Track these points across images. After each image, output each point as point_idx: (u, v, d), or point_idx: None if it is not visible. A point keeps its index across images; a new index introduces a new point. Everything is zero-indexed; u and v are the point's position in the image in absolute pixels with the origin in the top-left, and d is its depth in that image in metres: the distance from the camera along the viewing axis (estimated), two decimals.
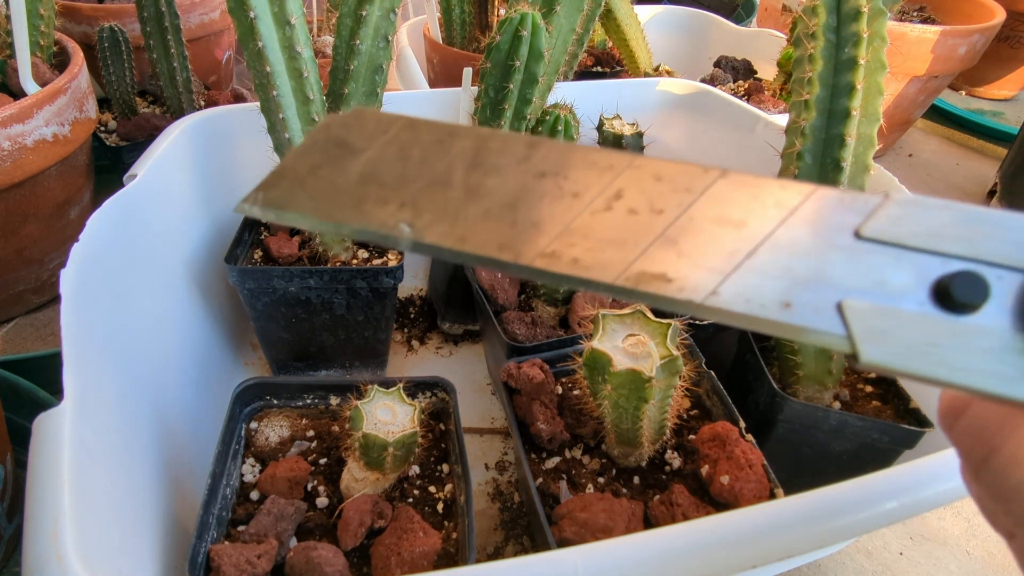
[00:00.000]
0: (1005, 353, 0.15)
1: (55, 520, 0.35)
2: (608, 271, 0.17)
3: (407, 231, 0.18)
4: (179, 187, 0.69)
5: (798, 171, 0.60)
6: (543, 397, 0.56)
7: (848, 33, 0.55)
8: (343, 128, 0.21)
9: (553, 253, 0.17)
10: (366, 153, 0.20)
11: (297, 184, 0.20)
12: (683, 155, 0.95)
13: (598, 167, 0.19)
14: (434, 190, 0.19)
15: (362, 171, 0.19)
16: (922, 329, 0.16)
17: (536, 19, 0.63)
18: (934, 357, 0.15)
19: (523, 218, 0.18)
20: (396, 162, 0.19)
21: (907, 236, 0.17)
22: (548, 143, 0.19)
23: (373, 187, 0.19)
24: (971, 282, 0.16)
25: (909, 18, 1.40)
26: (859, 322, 0.16)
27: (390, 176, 0.19)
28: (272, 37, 0.55)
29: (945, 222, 0.17)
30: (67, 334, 0.43)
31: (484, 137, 0.20)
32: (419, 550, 0.45)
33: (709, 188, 0.18)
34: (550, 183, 0.18)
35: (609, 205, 0.18)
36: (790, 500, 0.41)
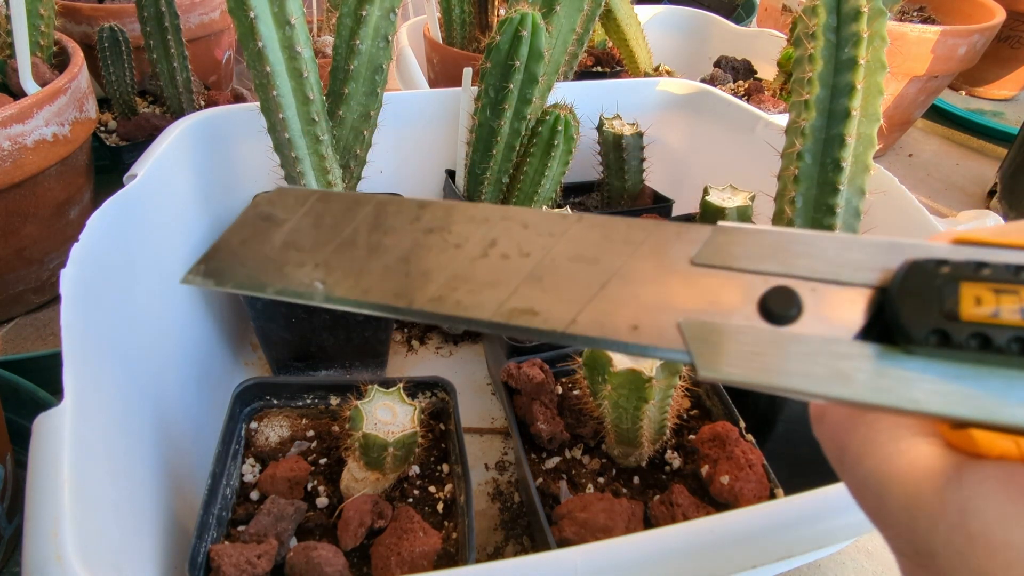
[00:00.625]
0: (820, 356, 0.17)
1: (55, 520, 0.35)
2: (485, 309, 0.19)
3: (320, 288, 0.21)
4: (179, 187, 0.69)
5: (798, 171, 0.60)
6: (543, 397, 0.56)
7: (848, 33, 0.55)
8: (269, 204, 0.23)
9: (440, 298, 0.20)
10: (287, 224, 0.23)
11: (231, 256, 0.22)
12: (683, 155, 0.95)
13: (476, 220, 0.21)
14: (342, 251, 0.21)
15: (284, 240, 0.22)
16: (750, 341, 0.17)
17: (536, 19, 0.63)
18: (761, 365, 0.17)
19: (415, 269, 0.20)
20: (311, 230, 0.22)
21: (733, 259, 0.19)
22: (435, 204, 0.22)
23: (292, 252, 0.22)
24: (785, 296, 0.18)
25: (909, 18, 1.40)
26: (696, 339, 0.17)
27: (306, 242, 0.22)
28: (272, 37, 0.55)
29: (765, 245, 0.19)
30: (67, 334, 0.43)
31: (383, 203, 0.22)
32: (419, 550, 0.45)
33: (567, 231, 0.20)
34: (436, 237, 0.21)
35: (485, 252, 0.20)
36: (790, 500, 0.41)
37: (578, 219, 0.21)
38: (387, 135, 0.74)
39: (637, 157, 0.84)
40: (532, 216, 0.21)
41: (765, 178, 0.66)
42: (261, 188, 0.76)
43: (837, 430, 0.20)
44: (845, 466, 0.19)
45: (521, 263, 0.20)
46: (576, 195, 0.93)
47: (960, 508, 0.15)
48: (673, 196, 0.87)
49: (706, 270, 0.19)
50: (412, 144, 0.84)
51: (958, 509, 0.15)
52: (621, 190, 0.86)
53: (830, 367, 0.16)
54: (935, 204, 1.26)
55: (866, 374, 0.16)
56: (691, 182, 0.88)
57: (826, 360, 0.17)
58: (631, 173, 0.85)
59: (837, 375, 0.16)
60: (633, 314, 0.18)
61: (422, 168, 0.85)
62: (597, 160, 0.87)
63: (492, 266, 0.20)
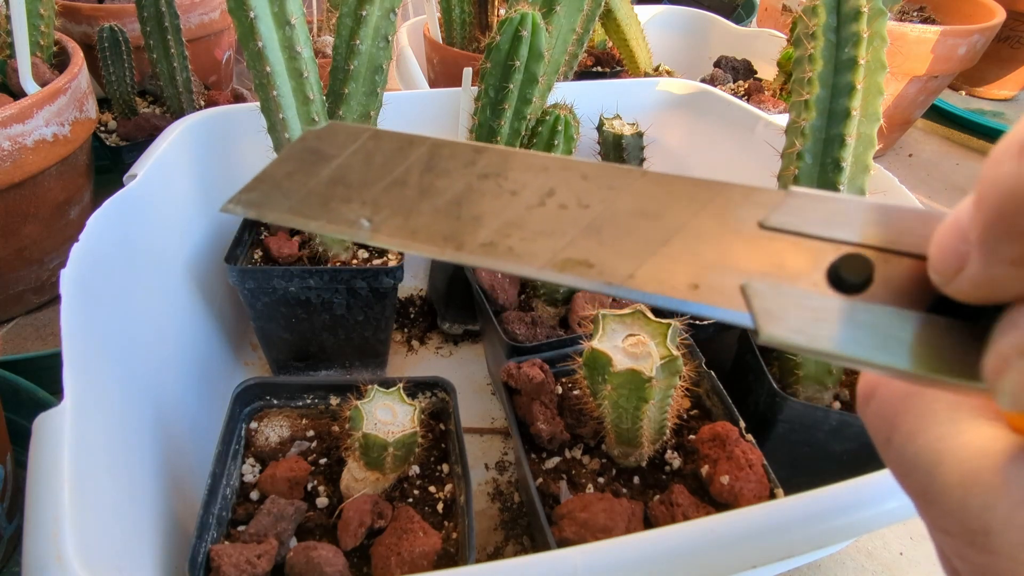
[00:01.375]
0: (887, 327, 0.16)
1: (55, 520, 0.35)
2: (538, 259, 0.19)
3: (367, 225, 0.20)
4: (179, 187, 0.69)
5: (798, 171, 0.60)
6: (543, 397, 0.56)
7: (848, 33, 0.55)
8: (317, 139, 0.23)
9: (491, 243, 0.19)
10: (336, 160, 0.22)
11: (275, 187, 0.22)
12: (683, 155, 0.95)
13: (534, 168, 0.21)
14: (392, 190, 0.21)
15: (331, 175, 0.22)
16: (816, 307, 0.17)
17: (536, 19, 0.63)
18: (825, 332, 0.16)
19: (467, 213, 0.20)
20: (361, 167, 0.22)
21: (804, 225, 0.18)
22: (492, 149, 0.22)
23: (340, 188, 0.21)
24: (857, 264, 0.17)
25: (909, 18, 1.40)
26: (760, 302, 0.17)
27: (355, 179, 0.21)
28: (272, 37, 0.55)
29: (838, 212, 0.18)
30: (67, 334, 0.43)
31: (437, 145, 0.22)
32: (419, 550, 0.45)
33: (630, 185, 0.20)
34: (492, 183, 0.21)
35: (542, 201, 0.20)
36: (790, 500, 0.41)
37: (642, 174, 0.20)
38: None
39: (637, 157, 0.84)
40: (593, 168, 0.20)
41: (765, 178, 0.66)
42: None
43: (889, 408, 0.19)
44: (893, 444, 0.19)
45: (579, 214, 0.19)
46: None
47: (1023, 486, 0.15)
48: None
49: (775, 234, 0.18)
50: None
51: (1021, 487, 0.15)
52: None
53: (898, 339, 0.16)
54: (935, 204, 1.26)
55: (934, 348, 0.16)
56: None
57: (895, 332, 0.16)
58: None
59: (904, 347, 0.16)
60: (695, 272, 0.18)
61: None
62: (597, 160, 0.87)
63: (549, 215, 0.19)
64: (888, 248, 0.17)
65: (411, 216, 0.20)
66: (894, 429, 0.19)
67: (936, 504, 0.17)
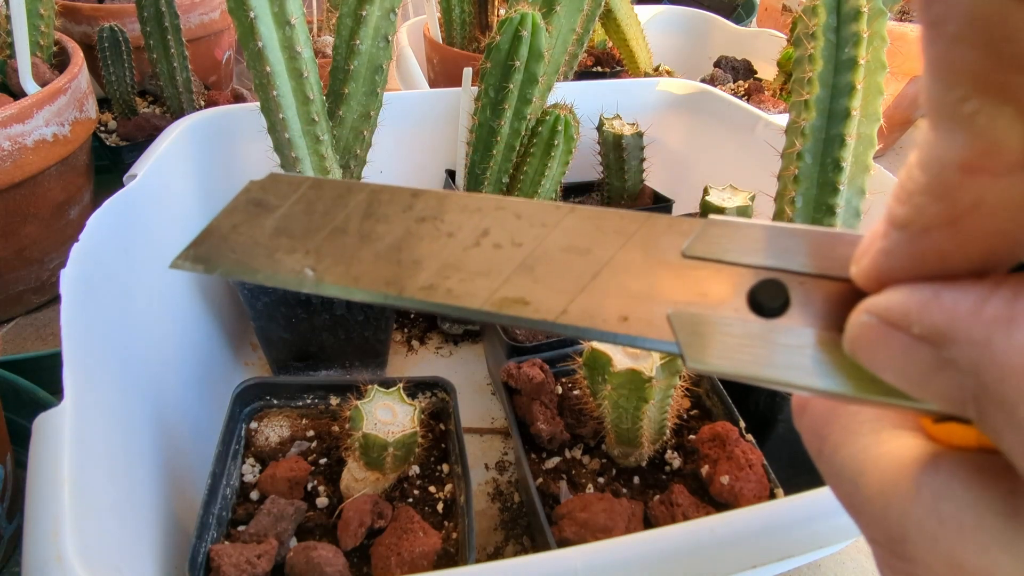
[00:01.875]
0: (805, 349, 0.17)
1: (55, 520, 0.35)
2: (476, 298, 0.19)
3: (311, 275, 0.21)
4: (179, 187, 0.69)
5: (798, 171, 0.60)
6: (543, 397, 0.56)
7: (848, 33, 0.55)
8: (261, 190, 0.23)
9: (431, 286, 0.20)
10: (279, 210, 0.22)
11: (221, 241, 0.22)
12: (683, 155, 0.95)
13: (469, 210, 0.21)
14: (333, 238, 0.21)
15: (275, 226, 0.22)
16: (738, 332, 0.18)
17: (536, 19, 0.63)
18: (748, 356, 0.17)
19: (406, 257, 0.20)
20: (303, 217, 0.22)
21: (724, 252, 0.19)
22: (429, 193, 0.22)
23: (284, 239, 0.22)
24: (773, 288, 0.18)
25: (909, 18, 1.40)
26: (685, 331, 0.18)
27: (298, 229, 0.22)
28: (272, 37, 0.55)
29: (755, 238, 0.19)
30: (67, 334, 0.43)
31: (376, 191, 0.22)
32: (419, 550, 0.45)
33: (560, 222, 0.20)
34: (429, 226, 0.21)
35: (478, 241, 0.20)
36: (790, 500, 0.41)
37: (571, 210, 0.21)
38: (387, 135, 0.74)
39: (637, 157, 0.84)
40: (525, 206, 0.21)
41: (765, 178, 0.66)
42: None
43: (818, 421, 0.20)
44: (823, 455, 0.20)
45: (513, 252, 0.20)
46: (576, 195, 0.93)
47: (934, 493, 0.16)
48: (673, 196, 0.87)
49: (696, 262, 0.19)
50: (412, 144, 0.84)
51: (932, 494, 0.16)
52: (621, 190, 0.86)
53: (816, 359, 0.17)
54: None
55: (852, 367, 0.17)
56: (691, 182, 0.88)
57: (813, 353, 0.17)
58: (631, 173, 0.85)
59: (823, 367, 0.17)
60: (623, 305, 0.19)
61: (422, 168, 0.85)
62: (597, 160, 0.87)
63: (484, 255, 0.20)
64: (804, 271, 0.18)
65: (353, 263, 0.21)
66: (823, 441, 0.20)
67: (862, 513, 0.18)
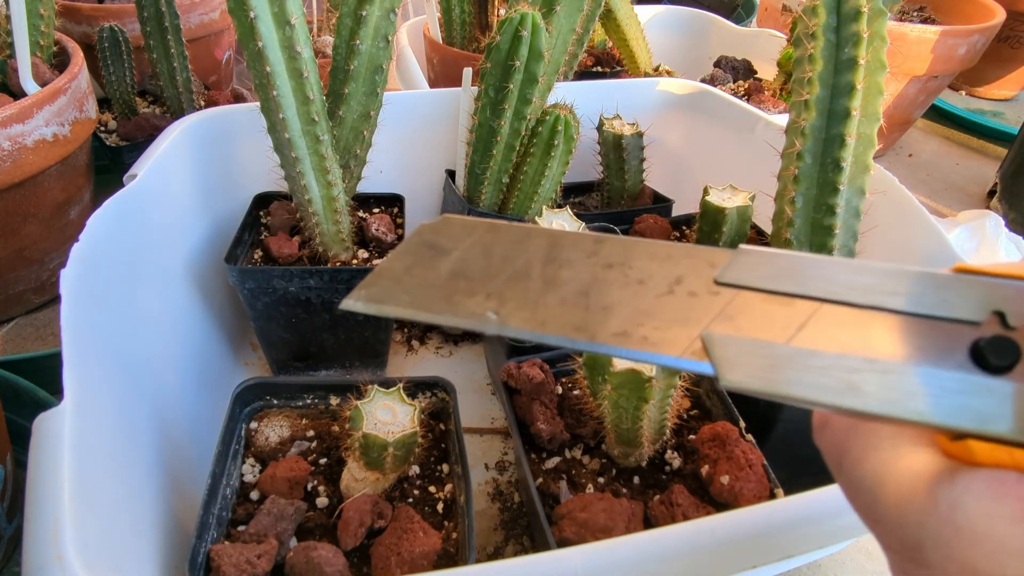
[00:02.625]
0: (832, 370, 0.18)
1: (55, 520, 0.35)
2: (675, 346, 0.19)
3: (494, 318, 0.20)
4: (179, 187, 0.69)
5: (798, 171, 0.60)
6: (543, 397, 0.56)
7: (848, 33, 0.55)
8: (433, 233, 0.23)
9: (624, 332, 0.19)
10: (454, 253, 0.22)
11: (395, 282, 0.22)
12: (683, 155, 0.95)
13: (659, 257, 0.21)
14: (515, 282, 0.21)
15: (451, 268, 0.22)
16: (767, 354, 0.18)
17: (536, 19, 0.63)
18: (778, 376, 0.18)
19: (595, 303, 0.20)
20: (481, 260, 0.22)
21: (753, 280, 0.20)
22: (612, 239, 0.22)
23: (462, 281, 0.22)
24: (1002, 344, 0.18)
25: (909, 18, 1.40)
26: (718, 351, 0.18)
27: (476, 272, 0.22)
28: (272, 37, 0.55)
29: (781, 267, 0.20)
30: (67, 334, 0.43)
31: (556, 236, 0.22)
32: (419, 550, 0.45)
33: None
34: (617, 272, 0.21)
35: (671, 289, 0.20)
36: (790, 500, 0.41)
37: (774, 255, 0.21)
38: (387, 135, 0.74)
39: (637, 157, 0.84)
40: (718, 255, 0.21)
41: (765, 178, 0.66)
42: (261, 188, 0.76)
43: (839, 436, 0.21)
44: (843, 469, 0.21)
45: (710, 301, 0.20)
46: (576, 195, 0.93)
47: (950, 504, 0.17)
48: (673, 196, 0.87)
49: (727, 289, 0.20)
50: (412, 144, 0.84)
51: (948, 505, 0.17)
52: (621, 190, 0.86)
53: (841, 379, 0.17)
54: (935, 204, 1.26)
55: (874, 387, 0.17)
56: (691, 182, 0.88)
57: (838, 373, 0.18)
58: (631, 173, 0.85)
59: (848, 387, 0.17)
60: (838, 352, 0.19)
61: (422, 168, 0.85)
62: (597, 160, 0.87)
63: (679, 303, 0.20)
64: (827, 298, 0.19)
65: (538, 307, 0.20)
66: (844, 455, 0.21)
67: (880, 523, 0.19)
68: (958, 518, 0.17)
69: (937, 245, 0.61)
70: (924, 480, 0.18)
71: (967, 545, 0.16)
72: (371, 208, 0.79)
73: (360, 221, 0.75)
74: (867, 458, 0.20)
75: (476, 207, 0.74)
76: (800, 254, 0.20)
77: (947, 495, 0.17)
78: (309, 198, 0.65)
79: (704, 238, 0.71)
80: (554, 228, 0.22)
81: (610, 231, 0.77)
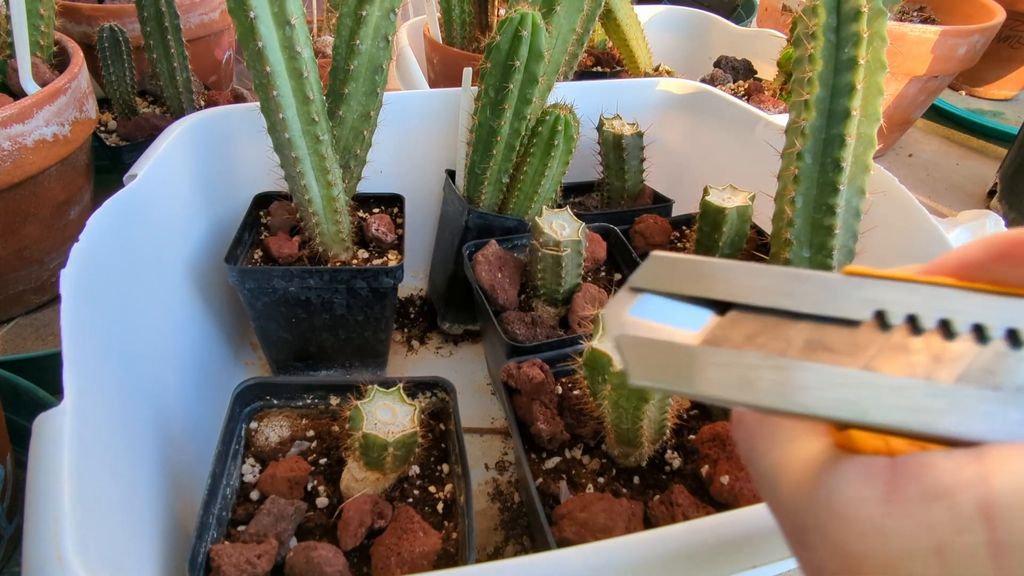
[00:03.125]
0: (730, 367, 0.19)
1: (55, 520, 0.35)
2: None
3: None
4: (179, 187, 0.69)
5: (798, 171, 0.60)
6: (543, 397, 0.56)
7: (848, 33, 0.55)
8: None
9: None
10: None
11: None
12: (683, 155, 0.95)
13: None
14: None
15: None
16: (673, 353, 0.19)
17: (536, 19, 0.63)
18: (682, 375, 0.19)
19: None
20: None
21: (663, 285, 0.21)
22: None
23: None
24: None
25: (909, 18, 1.40)
26: (630, 351, 0.19)
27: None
28: (272, 37, 0.55)
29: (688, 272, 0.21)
30: (67, 334, 0.43)
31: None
32: (419, 550, 0.45)
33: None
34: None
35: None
36: None
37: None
38: (387, 135, 0.74)
39: (637, 157, 0.84)
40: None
41: (765, 178, 0.66)
42: (261, 188, 0.76)
43: (749, 431, 0.22)
44: (752, 460, 0.22)
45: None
46: (576, 195, 0.93)
47: (829, 488, 0.18)
48: (673, 196, 0.87)
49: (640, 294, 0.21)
50: (412, 144, 0.84)
51: (827, 489, 0.18)
52: (621, 190, 0.86)
53: (738, 376, 0.19)
54: (935, 204, 1.26)
55: (767, 383, 0.18)
56: (691, 182, 0.88)
57: (735, 370, 0.19)
58: (631, 173, 0.85)
59: (744, 383, 0.19)
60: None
61: (422, 168, 0.85)
62: (597, 160, 0.87)
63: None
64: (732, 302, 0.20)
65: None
66: (752, 448, 0.22)
67: (779, 510, 0.20)
68: (834, 501, 0.18)
69: (937, 245, 0.61)
70: (812, 468, 0.19)
71: (840, 526, 0.18)
72: (371, 208, 0.79)
73: (360, 221, 0.75)
74: (770, 450, 0.21)
75: (476, 207, 0.74)
76: (708, 259, 0.21)
77: (827, 481, 0.18)
78: (309, 198, 0.65)
79: (704, 238, 0.71)
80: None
81: (610, 231, 0.77)
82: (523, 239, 0.75)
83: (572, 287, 0.68)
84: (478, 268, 0.68)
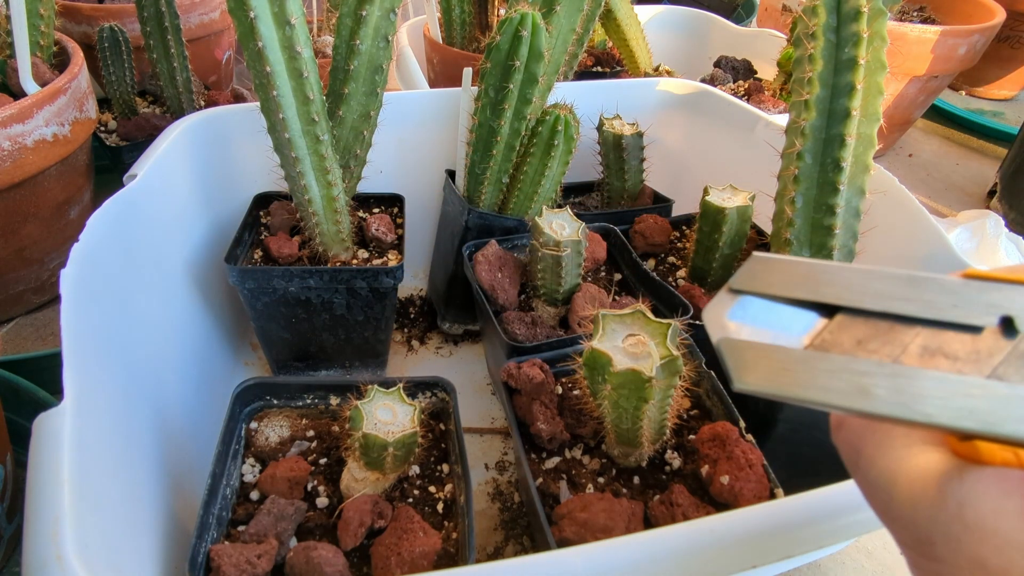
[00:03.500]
0: (843, 373, 0.18)
1: (55, 520, 0.35)
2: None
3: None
4: (179, 187, 0.69)
5: (798, 171, 0.60)
6: (543, 397, 0.56)
7: (848, 33, 0.55)
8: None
9: None
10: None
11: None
12: (683, 155, 0.95)
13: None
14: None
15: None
16: (781, 358, 0.19)
17: (536, 19, 0.63)
18: (791, 380, 0.18)
19: None
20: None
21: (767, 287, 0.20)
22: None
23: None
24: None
25: (909, 18, 1.40)
26: (733, 355, 0.19)
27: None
28: (272, 37, 0.55)
29: (796, 274, 0.20)
30: (67, 334, 0.43)
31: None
32: (419, 550, 0.45)
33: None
34: None
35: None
36: (790, 500, 0.41)
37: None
38: (387, 135, 0.74)
39: (637, 157, 0.84)
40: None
41: (765, 178, 0.66)
42: (261, 188, 0.76)
43: (854, 436, 0.22)
44: (859, 468, 0.21)
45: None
46: (576, 195, 0.93)
47: (959, 501, 0.17)
48: (673, 196, 0.87)
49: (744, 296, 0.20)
50: (412, 144, 0.84)
51: (957, 502, 0.17)
52: (621, 190, 0.86)
53: (852, 383, 0.18)
54: (935, 204, 1.26)
55: (884, 390, 0.18)
56: (691, 182, 0.88)
57: (848, 376, 0.18)
58: (631, 173, 0.85)
59: (858, 390, 0.18)
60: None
61: (422, 168, 0.85)
62: (597, 160, 0.87)
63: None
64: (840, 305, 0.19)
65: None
66: (859, 454, 0.21)
67: (895, 520, 0.20)
68: (967, 514, 0.17)
69: (937, 245, 0.61)
70: (934, 478, 0.18)
71: (976, 540, 0.17)
72: (371, 208, 0.79)
73: (360, 221, 0.75)
74: (881, 457, 0.20)
75: (476, 207, 0.74)
76: (814, 261, 0.20)
77: (956, 492, 0.18)
78: (309, 198, 0.65)
79: (704, 238, 0.71)
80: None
81: (610, 231, 0.77)
82: (523, 239, 0.75)
83: (572, 287, 0.68)
84: (478, 268, 0.68)
